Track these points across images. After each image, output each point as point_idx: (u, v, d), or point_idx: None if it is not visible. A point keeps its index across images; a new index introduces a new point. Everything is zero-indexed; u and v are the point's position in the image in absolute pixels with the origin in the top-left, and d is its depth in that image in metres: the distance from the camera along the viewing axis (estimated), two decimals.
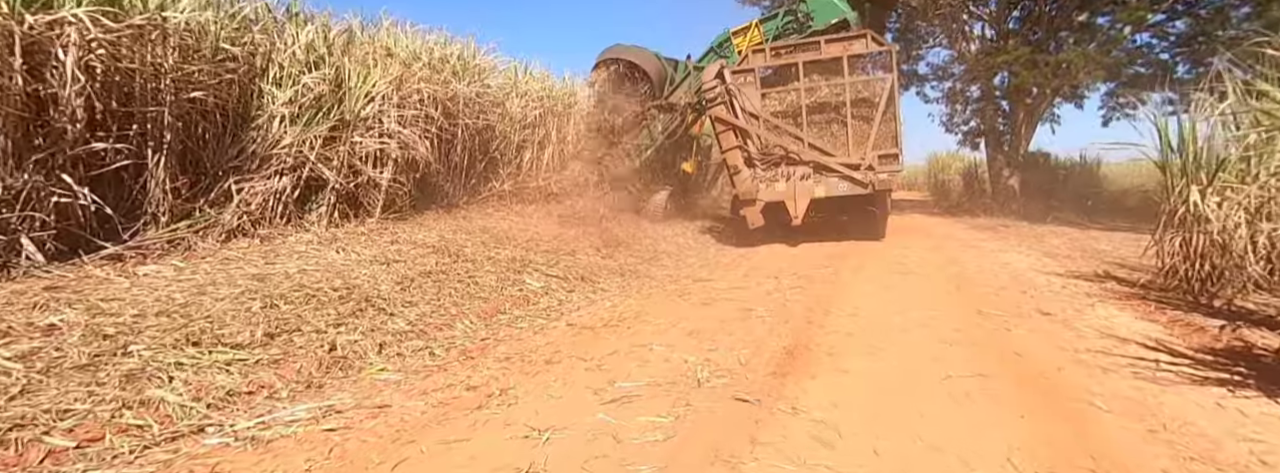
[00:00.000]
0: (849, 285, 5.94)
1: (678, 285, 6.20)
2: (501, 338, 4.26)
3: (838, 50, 8.64)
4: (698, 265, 7.59)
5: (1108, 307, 5.12)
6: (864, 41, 8.72)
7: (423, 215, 7.90)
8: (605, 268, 6.85)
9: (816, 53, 8.77)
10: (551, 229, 8.30)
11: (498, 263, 6.21)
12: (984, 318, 4.66)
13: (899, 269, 6.88)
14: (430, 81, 8.02)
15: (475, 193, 9.03)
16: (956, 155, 27.43)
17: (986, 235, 10.50)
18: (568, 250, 7.20)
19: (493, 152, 9.44)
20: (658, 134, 11.33)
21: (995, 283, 6.08)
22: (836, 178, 8.52)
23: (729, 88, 8.76)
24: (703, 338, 4.09)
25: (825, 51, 8.72)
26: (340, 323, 4.13)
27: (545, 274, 6.16)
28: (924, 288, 5.81)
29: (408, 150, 7.59)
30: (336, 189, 6.86)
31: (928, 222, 13.47)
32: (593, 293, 5.85)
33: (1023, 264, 7.26)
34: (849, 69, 8.66)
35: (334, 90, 7.11)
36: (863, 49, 8.71)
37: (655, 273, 6.93)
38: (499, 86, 9.86)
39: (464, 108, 8.66)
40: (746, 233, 9.26)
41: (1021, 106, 14.42)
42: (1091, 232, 11.63)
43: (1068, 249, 8.75)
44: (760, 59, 9.03)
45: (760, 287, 5.96)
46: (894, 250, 8.54)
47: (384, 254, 5.90)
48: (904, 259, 7.68)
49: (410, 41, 8.18)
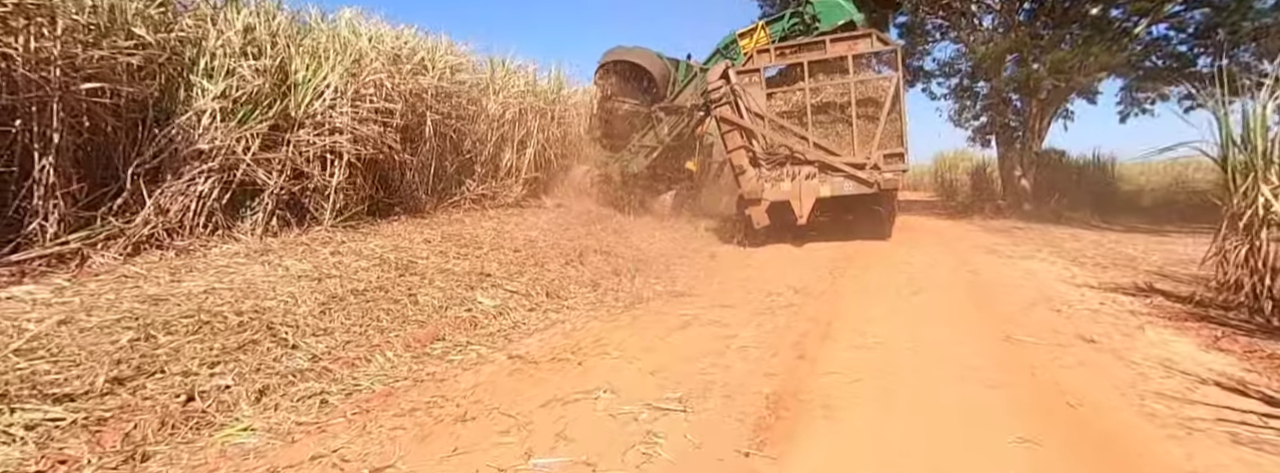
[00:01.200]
0: (852, 303, 5.06)
1: (656, 302, 5.33)
2: (423, 377, 3.41)
3: (843, 49, 8.48)
4: (686, 276, 6.72)
5: (1160, 330, 4.22)
6: (869, 41, 8.54)
7: (383, 222, 7.08)
8: (578, 280, 5.98)
9: (821, 52, 8.58)
10: (527, 235, 7.45)
11: (452, 277, 5.36)
12: (1015, 347, 3.77)
13: (910, 280, 5.99)
14: (393, 75, 7.19)
15: (446, 196, 8.19)
16: (964, 154, 26.48)
17: (1002, 239, 9.58)
18: (538, 261, 6.34)
19: (467, 152, 8.61)
20: (664, 135, 11.05)
21: (1021, 298, 5.18)
22: (842, 177, 8.31)
23: (734, 88, 8.52)
24: (666, 379, 3.22)
25: (830, 51, 8.53)
26: (220, 361, 3.28)
27: (504, 290, 5.30)
28: (940, 305, 4.93)
29: (365, 149, 6.76)
30: (277, 194, 6.03)
31: (937, 224, 12.55)
32: (556, 312, 4.99)
33: (1048, 274, 6.35)
34: (854, 68, 8.46)
35: (278, 84, 6.29)
36: (868, 48, 8.52)
37: (635, 286, 6.06)
38: (475, 82, 9.03)
39: (433, 104, 7.82)
40: (745, 235, 8.92)
41: (1034, 102, 13.47)
42: (1111, 234, 10.69)
43: (1093, 255, 7.83)
44: (765, 59, 8.85)
45: (750, 303, 5.08)
46: (903, 256, 7.65)
47: (319, 268, 5.06)
48: (915, 267, 6.79)
49: (371, 31, 7.35)
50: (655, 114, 11.04)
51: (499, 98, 9.27)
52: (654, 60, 11.22)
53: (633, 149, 11.25)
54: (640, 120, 11.20)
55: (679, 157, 11.64)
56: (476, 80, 9.05)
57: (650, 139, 11.19)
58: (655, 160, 11.24)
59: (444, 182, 8.15)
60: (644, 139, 11.21)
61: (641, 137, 11.22)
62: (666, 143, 11.06)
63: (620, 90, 11.26)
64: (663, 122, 11.06)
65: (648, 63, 11.13)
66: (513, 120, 9.55)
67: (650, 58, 11.24)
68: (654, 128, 11.14)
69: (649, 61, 11.15)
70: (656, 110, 11.02)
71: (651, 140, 11.18)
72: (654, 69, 11.10)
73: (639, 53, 11.32)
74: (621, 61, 11.23)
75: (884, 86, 8.39)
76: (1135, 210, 16.04)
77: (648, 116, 11.12)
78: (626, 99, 11.25)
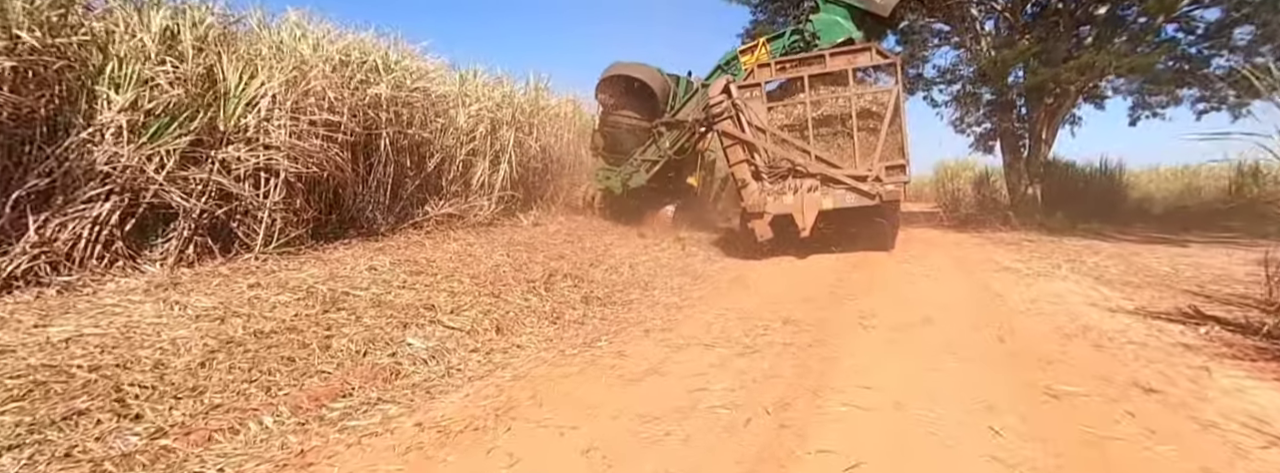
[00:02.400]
0: (853, 338, 4.22)
1: (622, 338, 4.50)
2: (291, 459, 2.58)
3: (843, 63, 8.44)
4: (667, 301, 5.90)
5: (1229, 371, 3.38)
6: (869, 54, 8.49)
7: (330, 246, 6.29)
8: (538, 312, 5.16)
9: (822, 66, 8.52)
10: (493, 259, 6.64)
11: (388, 311, 4.55)
12: (1061, 404, 2.93)
13: (920, 305, 5.15)
14: (340, 83, 6.44)
15: (407, 217, 7.40)
16: (966, 163, 25.62)
17: (1015, 254, 8.72)
18: (497, 289, 5.53)
19: (433, 168, 7.82)
20: (666, 149, 10.95)
21: (1052, 328, 4.34)
22: (844, 190, 8.23)
23: (735, 102, 8.45)
24: (595, 464, 2.39)
25: (830, 65, 8.48)
26: (19, 445, 2.46)
27: (446, 326, 4.48)
28: (957, 339, 4.08)
29: (307, 167, 5.99)
30: (196, 218, 5.25)
31: (943, 237, 11.68)
32: (502, 353, 4.16)
33: (1076, 296, 5.50)
34: (854, 81, 8.40)
35: (201, 93, 5.53)
36: (868, 61, 8.46)
37: (602, 318, 5.24)
38: (443, 94, 8.28)
39: (391, 116, 7.06)
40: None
41: (1041, 108, 12.64)
42: (1129, 246, 9.82)
43: (1119, 271, 6.97)
44: (766, 73, 8.78)
45: (732, 340, 4.24)
46: (910, 275, 6.81)
47: (226, 305, 4.26)
48: (924, 289, 5.95)
49: (317, 35, 6.61)
50: (657, 129, 10.96)
51: (469, 109, 8.50)
52: (655, 76, 11.13)
53: (634, 163, 11.14)
54: (642, 135, 11.13)
55: (680, 171, 11.66)
56: (444, 92, 8.29)
57: (652, 153, 11.09)
58: (656, 174, 11.16)
59: (404, 201, 7.36)
60: (645, 153, 11.10)
61: (643, 151, 11.12)
62: (668, 157, 10.98)
63: (622, 105, 11.17)
64: (664, 136, 10.98)
65: (649, 78, 11.01)
66: (486, 134, 8.78)
67: (651, 73, 11.13)
68: (655, 142, 11.06)
69: (650, 77, 11.04)
70: (658, 125, 10.94)
71: (653, 154, 11.08)
72: (655, 84, 11.01)
73: (640, 68, 11.18)
74: (623, 77, 11.08)
75: (884, 99, 8.30)
76: (1147, 219, 15.14)
77: (649, 131, 11.05)
78: (628, 113, 11.15)
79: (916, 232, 12.92)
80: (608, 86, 11.22)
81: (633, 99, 11.06)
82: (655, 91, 10.98)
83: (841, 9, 9.70)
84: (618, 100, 11.16)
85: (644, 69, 11.18)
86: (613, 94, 11.20)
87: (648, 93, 10.97)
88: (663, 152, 10.96)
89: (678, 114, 10.89)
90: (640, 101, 11.04)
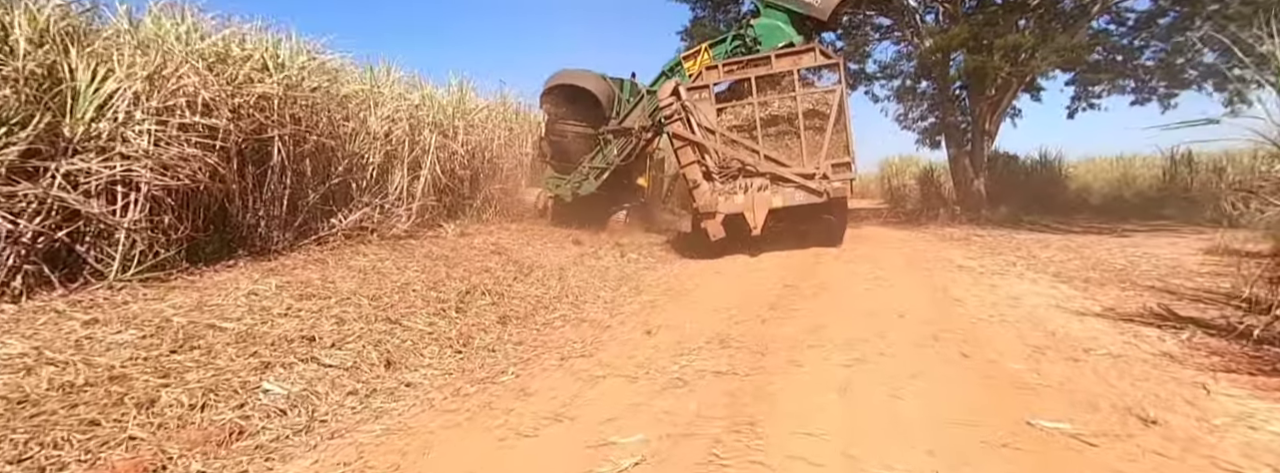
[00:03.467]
0: (797, 363, 3.59)
1: (527, 372, 3.79)
2: None
3: (788, 64, 8.53)
4: (591, 321, 5.21)
5: (1228, 387, 2.89)
6: (813, 55, 8.59)
7: (210, 269, 5.42)
8: (442, 339, 4.42)
9: (768, 67, 8.58)
10: (403, 277, 5.87)
11: (250, 348, 3.76)
12: (1047, 444, 2.34)
13: (872, 314, 4.58)
14: (219, 81, 5.60)
15: (308, 232, 6.55)
16: (910, 159, 25.67)
17: (966, 250, 8.32)
18: (399, 313, 4.77)
19: (338, 177, 6.98)
20: (613, 157, 10.88)
21: (1019, 339, 3.80)
22: (793, 188, 8.29)
23: (685, 104, 8.44)
24: None
25: (776, 66, 8.55)
26: None
27: (322, 363, 3.72)
28: (918, 357, 3.50)
29: (177, 178, 5.14)
30: (26, 243, 4.36)
31: (890, 234, 11.28)
32: (383, 397, 3.42)
33: (1037, 296, 5.02)
34: (799, 82, 8.48)
35: (39, 95, 4.64)
36: (812, 62, 8.57)
37: (518, 341, 4.53)
38: (349, 94, 7.45)
39: (282, 119, 6.22)
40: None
41: (983, 101, 12.37)
42: (1077, 238, 9.55)
43: (1074, 266, 6.57)
44: (714, 75, 8.79)
45: (658, 370, 3.58)
46: (860, 278, 6.28)
47: (46, 349, 3.43)
48: (878, 295, 5.40)
49: (187, 24, 5.75)
50: (604, 136, 10.89)
51: (383, 111, 7.68)
52: (598, 83, 11.07)
53: (583, 171, 11.02)
54: (589, 142, 11.06)
55: (630, 173, 11.57)
56: (352, 92, 7.45)
57: (599, 161, 10.99)
58: (606, 181, 11.04)
59: (306, 214, 6.51)
60: (593, 161, 11.01)
61: (591, 159, 11.02)
62: (616, 164, 10.88)
63: (567, 114, 11.08)
64: (611, 144, 10.90)
65: (592, 86, 10.95)
66: (404, 138, 7.97)
67: (594, 80, 11.07)
68: (602, 150, 10.97)
69: (593, 84, 10.98)
70: (605, 133, 10.89)
71: (601, 162, 10.98)
72: (599, 92, 10.96)
73: (583, 76, 11.12)
74: (567, 85, 10.98)
75: (829, 99, 8.42)
76: (1087, 209, 15.11)
77: (596, 139, 10.97)
78: (574, 122, 11.07)
79: (865, 230, 12.53)
80: (553, 96, 11.10)
81: (578, 107, 10.93)
82: (600, 99, 10.91)
83: (781, 14, 9.73)
84: (563, 109, 11.05)
85: (588, 77, 11.11)
86: (558, 103, 11.08)
87: (593, 101, 10.86)
88: (610, 159, 10.86)
89: (624, 121, 10.81)
90: (586, 109, 10.90)
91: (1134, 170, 18.69)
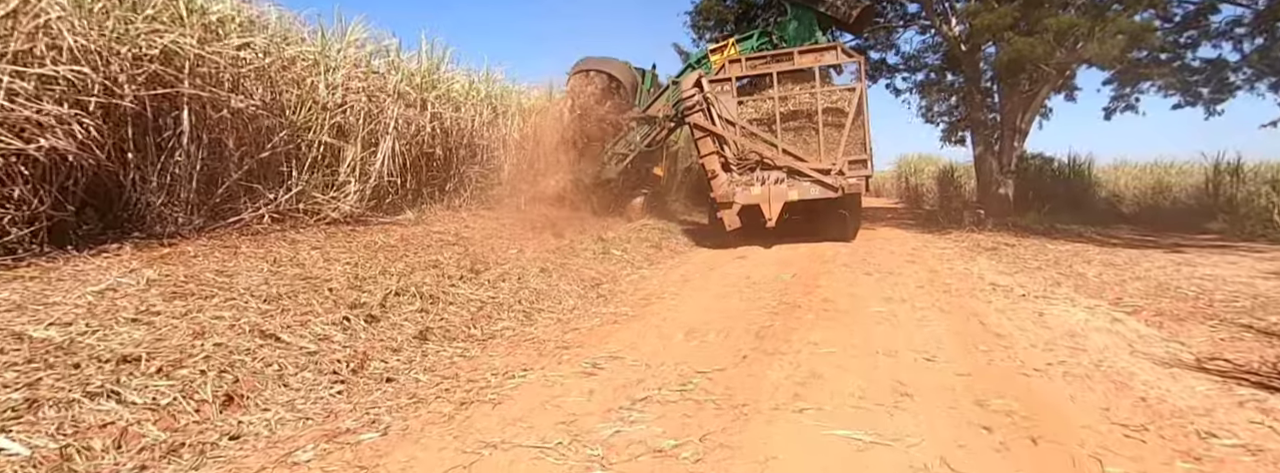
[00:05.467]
0: (780, 435, 2.46)
1: (400, 424, 2.69)
2: None
3: (810, 61, 8.64)
4: (533, 340, 4.12)
5: None
6: (835, 53, 8.68)
7: (77, 257, 4.35)
8: (326, 361, 3.34)
9: (790, 63, 8.68)
10: (328, 271, 4.80)
11: (33, 373, 2.69)
12: None
13: (888, 363, 3.44)
14: (106, 28, 4.53)
15: (225, 214, 5.48)
16: (929, 158, 24.28)
17: (998, 263, 7.10)
18: (284, 324, 3.69)
19: (272, 149, 5.90)
20: (637, 143, 11.12)
21: (1100, 409, 2.64)
22: (809, 182, 8.33)
23: (707, 96, 8.52)
24: None
25: (798, 62, 8.65)
26: None
27: (122, 401, 2.64)
28: (956, 450, 2.34)
29: (38, 143, 4.09)
30: None
31: (909, 239, 10.06)
32: (183, 457, 2.34)
33: (1105, 336, 3.84)
34: (820, 79, 8.63)
35: None
36: (834, 59, 8.67)
37: (426, 369, 3.45)
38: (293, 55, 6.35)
39: (198, 80, 5.14)
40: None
41: (1015, 94, 11.05)
42: (1121, 252, 8.26)
43: (1133, 289, 5.36)
44: (737, 69, 8.90)
45: (573, 444, 2.46)
46: (876, 298, 5.12)
47: None
48: (897, 322, 4.25)
49: None
50: (628, 123, 11.03)
51: (335, 77, 6.58)
52: (625, 70, 11.25)
53: (606, 156, 11.12)
54: (612, 128, 11.09)
55: (648, 163, 11.81)
56: (297, 53, 6.36)
57: (622, 146, 11.14)
58: (627, 166, 11.21)
59: (224, 193, 5.44)
60: (616, 146, 11.12)
61: (614, 144, 11.13)
62: (639, 150, 11.06)
63: (591, 99, 11.04)
64: (634, 130, 11.07)
65: (619, 72, 11.14)
66: (363, 109, 6.87)
67: (621, 68, 11.26)
68: (625, 136, 11.12)
69: (620, 71, 11.17)
70: (630, 119, 11.02)
71: (623, 148, 11.13)
72: (625, 79, 11.14)
73: (611, 63, 11.28)
74: (592, 71, 11.17)
75: (849, 96, 8.49)
76: (1117, 218, 13.77)
77: (619, 124, 11.06)
78: (598, 108, 10.99)
79: (881, 232, 11.31)
80: (578, 81, 11.15)
81: (604, 93, 11.02)
82: (625, 86, 11.04)
83: (809, 15, 9.82)
84: (587, 95, 11.03)
85: (615, 64, 11.25)
86: (582, 88, 11.10)
87: (618, 87, 11.00)
88: (634, 145, 11.00)
89: (649, 109, 10.88)
90: (610, 95, 11.00)
91: (1170, 178, 17.22)
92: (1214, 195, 13.56)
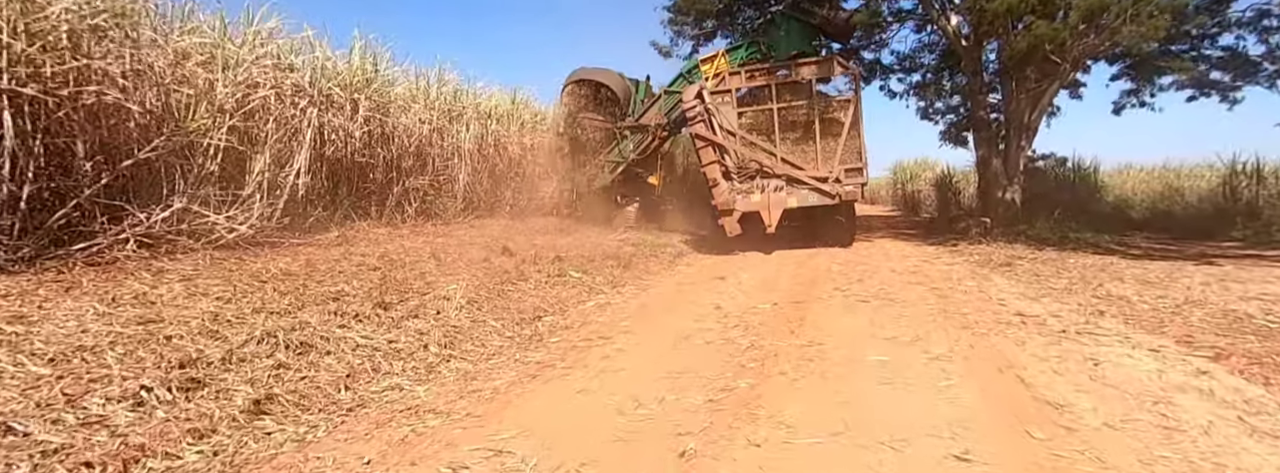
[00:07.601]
0: None
1: None
2: None
3: (807, 73, 8.81)
4: (422, 412, 3.02)
5: None
6: (831, 64, 8.89)
7: None
8: (76, 464, 2.22)
9: (788, 74, 8.86)
10: (176, 313, 3.70)
11: None
12: None
13: (900, 450, 2.34)
14: None
15: (69, 240, 4.37)
16: (925, 163, 23.20)
17: (1016, 284, 5.98)
18: (46, 398, 2.57)
19: (145, 156, 4.79)
20: (629, 152, 11.12)
21: None
22: (807, 190, 8.49)
23: (708, 107, 8.59)
24: None
25: (796, 74, 8.81)
26: None
27: None
28: None
29: None
30: None
31: (910, 251, 8.95)
32: None
33: (1197, 401, 2.73)
34: (817, 90, 8.79)
35: None
36: (830, 72, 8.85)
37: (236, 465, 2.33)
38: (185, 49, 5.28)
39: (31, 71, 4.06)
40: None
41: (1021, 90, 9.97)
42: (1147, 264, 7.16)
43: (1201, 319, 4.24)
44: (737, 80, 8.99)
45: None
46: (881, 336, 4.01)
47: None
48: (906, 381, 3.14)
49: None
50: (621, 132, 11.05)
51: (237, 75, 5.49)
52: (618, 81, 11.22)
53: (599, 164, 11.20)
54: (605, 137, 11.19)
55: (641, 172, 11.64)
56: (189, 46, 5.28)
57: (615, 155, 11.18)
58: (619, 176, 11.23)
59: (68, 214, 4.33)
60: (610, 155, 11.18)
61: (608, 153, 11.19)
62: (631, 158, 11.06)
63: (586, 108, 11.18)
64: (627, 139, 11.06)
65: (613, 83, 11.12)
66: (279, 113, 5.78)
67: (615, 78, 11.24)
68: (619, 145, 11.13)
69: (614, 82, 11.15)
70: (623, 129, 11.02)
71: (616, 156, 11.16)
72: (618, 89, 11.10)
73: (604, 73, 11.25)
74: (587, 81, 11.18)
75: (845, 106, 8.70)
76: (1131, 225, 12.66)
77: (612, 133, 11.12)
78: (592, 117, 11.19)
79: (878, 243, 10.21)
80: (573, 90, 11.15)
81: (596, 102, 11.05)
82: (619, 96, 11.01)
83: (797, 24, 9.87)
84: (583, 103, 11.11)
85: (609, 74, 11.23)
86: (577, 97, 11.15)
87: (612, 97, 10.98)
88: (626, 154, 11.00)
89: (641, 119, 10.88)
90: (603, 105, 11.04)
91: (1180, 181, 16.12)
92: (1232, 200, 12.46)
